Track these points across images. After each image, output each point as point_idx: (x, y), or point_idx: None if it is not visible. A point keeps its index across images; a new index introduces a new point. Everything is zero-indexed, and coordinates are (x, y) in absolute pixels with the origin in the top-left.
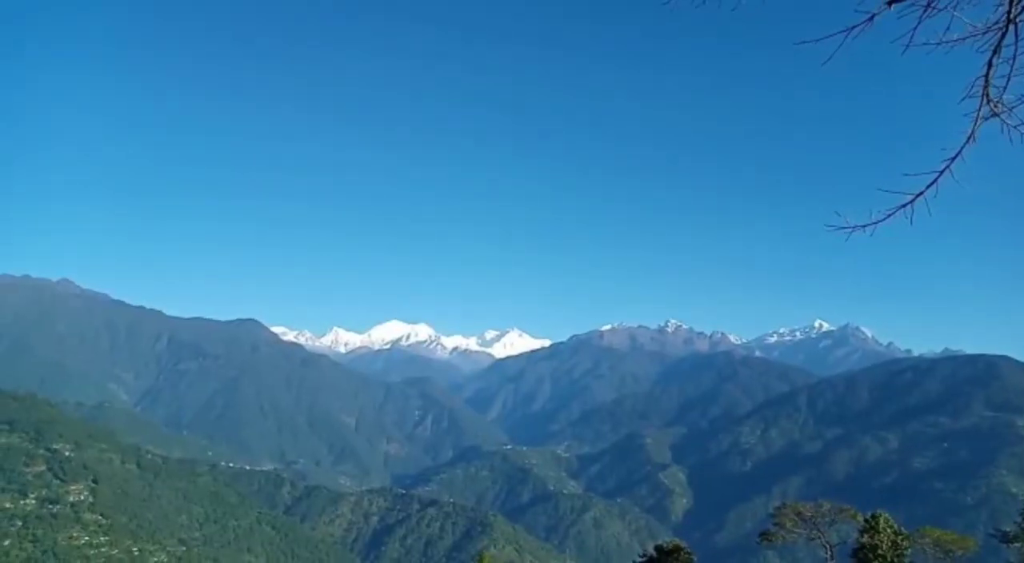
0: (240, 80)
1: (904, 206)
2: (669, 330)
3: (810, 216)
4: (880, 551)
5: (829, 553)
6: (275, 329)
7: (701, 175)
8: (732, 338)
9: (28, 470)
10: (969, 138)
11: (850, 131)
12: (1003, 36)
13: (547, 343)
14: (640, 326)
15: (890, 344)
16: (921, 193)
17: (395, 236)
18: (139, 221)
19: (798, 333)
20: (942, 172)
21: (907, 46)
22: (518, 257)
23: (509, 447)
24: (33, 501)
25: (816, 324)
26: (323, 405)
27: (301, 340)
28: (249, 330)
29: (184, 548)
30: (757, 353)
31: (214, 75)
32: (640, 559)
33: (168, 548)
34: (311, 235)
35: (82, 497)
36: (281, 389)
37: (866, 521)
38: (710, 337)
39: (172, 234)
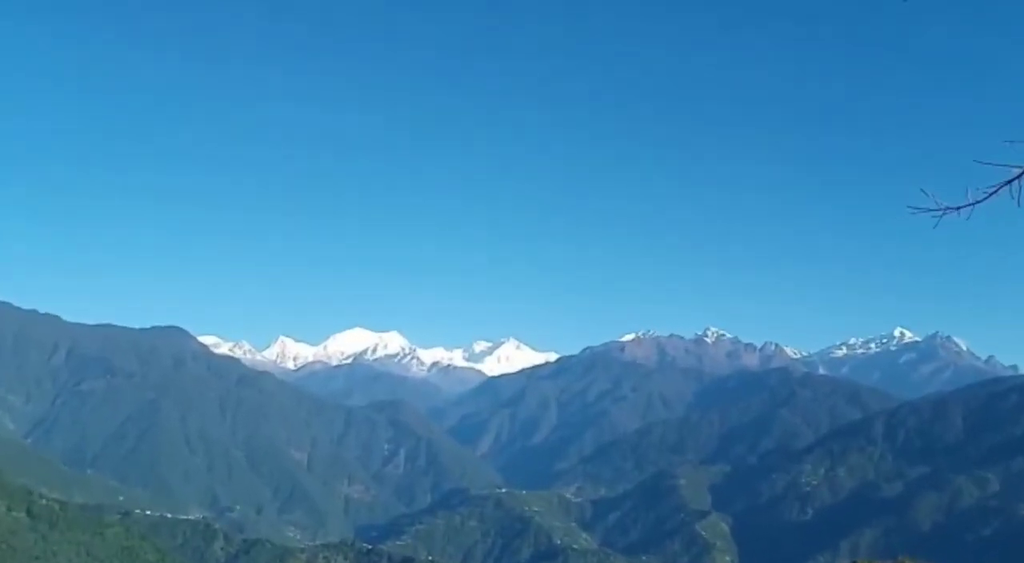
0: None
1: (1009, 182)
2: (708, 340)
3: (887, 197)
4: None
5: None
6: (205, 339)
7: (745, 141)
8: (789, 351)
9: None
10: None
11: (936, 87)
12: None
13: (552, 357)
14: (672, 336)
15: (990, 359)
16: None
17: (357, 221)
18: (28, 205)
19: (873, 345)
20: None
21: None
22: (515, 248)
23: (504, 490)
24: None
25: (896, 333)
26: (266, 436)
27: (238, 353)
28: (172, 341)
29: None
30: (821, 370)
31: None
32: None
33: None
34: (250, 221)
35: None
36: (213, 415)
37: None
38: (760, 350)
39: (73, 220)
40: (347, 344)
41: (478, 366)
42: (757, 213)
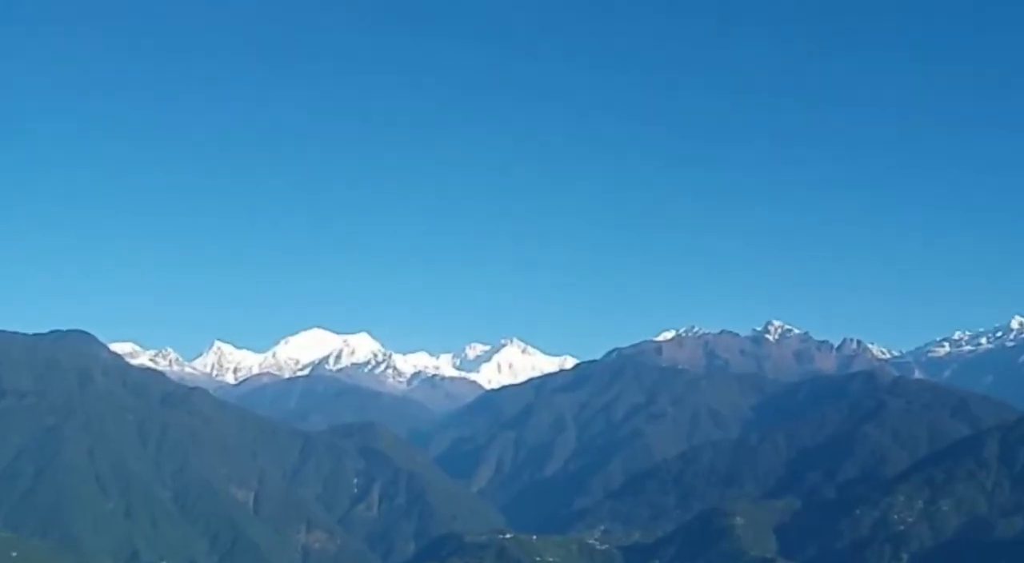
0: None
1: None
2: (770, 338)
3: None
4: None
5: None
6: (119, 347)
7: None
8: (875, 350)
9: None
10: None
11: None
12: None
13: (568, 363)
14: (723, 332)
15: None
16: None
17: (314, 195)
18: None
19: (984, 340)
20: None
21: None
22: (517, 227)
23: (508, 535)
24: None
25: (1015, 325)
26: (200, 470)
27: (162, 364)
28: (76, 350)
29: None
30: (917, 374)
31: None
32: None
33: None
34: (175, 199)
35: None
36: (131, 445)
37: None
38: (838, 349)
39: None
40: (302, 350)
41: (472, 376)
42: (829, 179)
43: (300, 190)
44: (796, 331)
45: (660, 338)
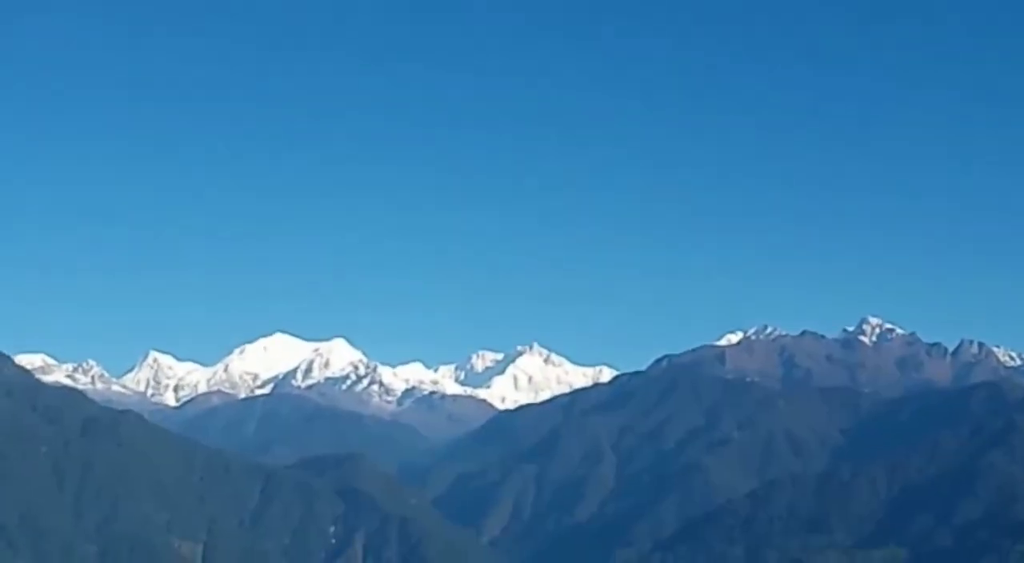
0: None
1: None
2: (865, 340)
3: None
4: None
5: None
6: (26, 360)
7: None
8: (1001, 354)
9: None
10: None
11: None
12: None
13: (605, 373)
14: (804, 334)
15: None
16: None
17: (274, 173)
18: None
19: None
20: None
21: None
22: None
23: None
24: None
25: None
26: (134, 517)
27: (83, 381)
28: None
29: None
30: None
31: None
32: None
33: None
34: (97, 179)
35: None
36: (44, 486)
37: None
38: (954, 354)
39: None
40: (262, 363)
41: (481, 393)
42: (934, 148)
43: (258, 167)
44: (899, 331)
45: (723, 342)
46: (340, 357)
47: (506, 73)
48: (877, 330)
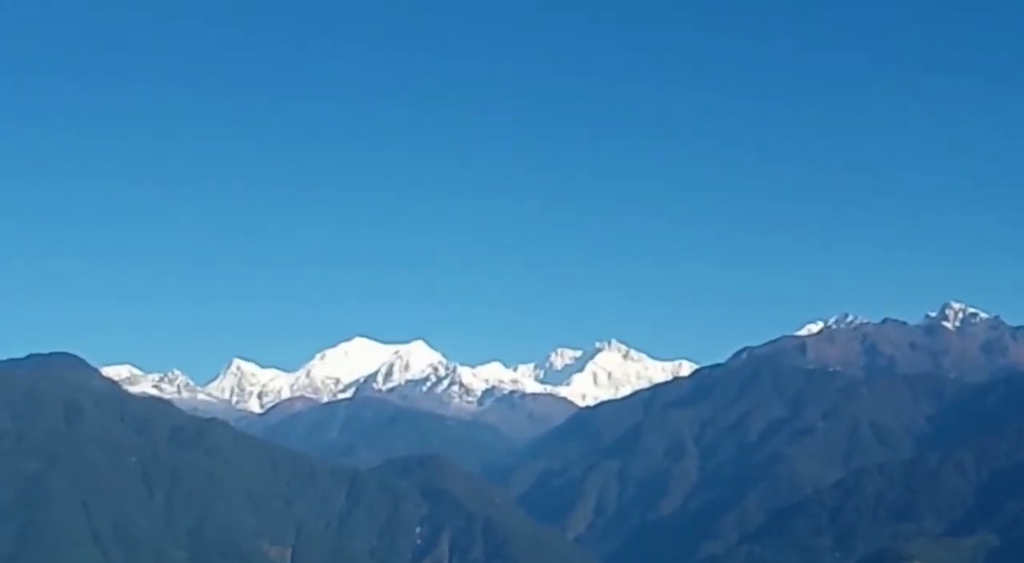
0: None
1: None
2: (948, 325)
3: None
4: None
5: None
6: (113, 372)
7: None
8: None
9: None
10: None
11: None
12: None
13: (685, 367)
14: (886, 321)
15: None
16: None
17: (348, 179)
18: None
19: None
20: None
21: None
22: (612, 202)
23: None
24: None
25: None
26: (223, 523)
27: (169, 391)
28: (61, 376)
29: None
30: None
31: None
32: None
33: None
34: (176, 188)
35: None
36: (134, 493)
37: None
38: None
39: None
40: (343, 367)
41: (561, 390)
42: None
43: (332, 173)
44: (983, 315)
45: (804, 332)
46: (419, 359)
47: (582, 70)
48: (960, 315)
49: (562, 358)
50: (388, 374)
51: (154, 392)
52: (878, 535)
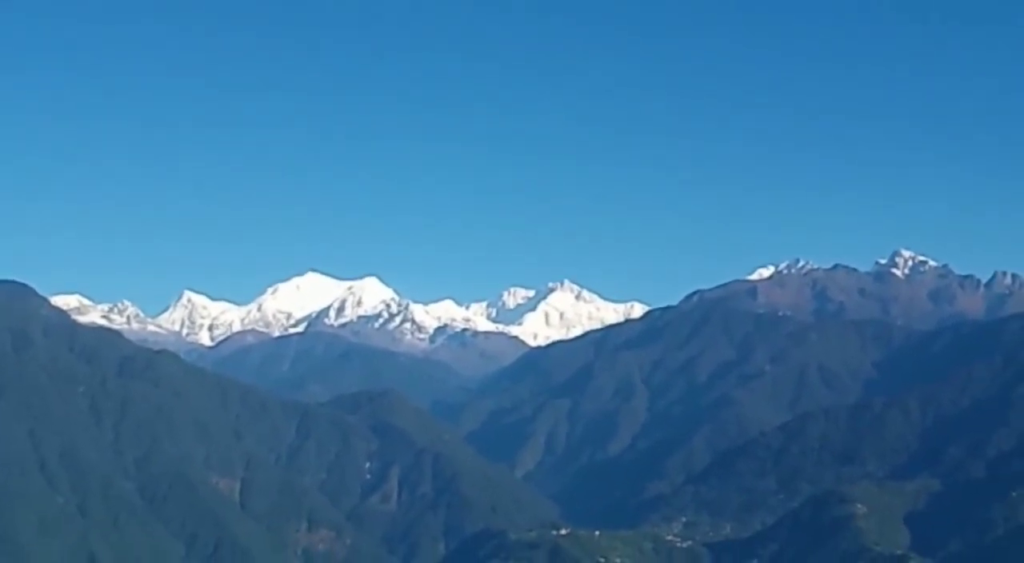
0: None
1: None
2: (897, 273)
3: None
4: None
5: None
6: (62, 301)
7: None
8: None
9: None
10: None
11: None
12: None
13: (636, 309)
14: (837, 267)
15: None
16: None
17: (305, 111)
18: None
19: None
20: None
21: None
22: (567, 138)
23: (564, 531)
24: None
25: None
26: (172, 455)
27: (118, 321)
28: (9, 305)
29: None
30: None
31: None
32: None
33: None
34: (128, 116)
35: None
36: (82, 425)
37: None
38: (988, 285)
39: None
40: (295, 301)
41: (513, 329)
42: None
43: (288, 105)
44: (932, 263)
45: (755, 277)
46: (372, 295)
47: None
48: (910, 262)
49: (515, 297)
50: (340, 309)
51: (103, 323)
52: (822, 478)
